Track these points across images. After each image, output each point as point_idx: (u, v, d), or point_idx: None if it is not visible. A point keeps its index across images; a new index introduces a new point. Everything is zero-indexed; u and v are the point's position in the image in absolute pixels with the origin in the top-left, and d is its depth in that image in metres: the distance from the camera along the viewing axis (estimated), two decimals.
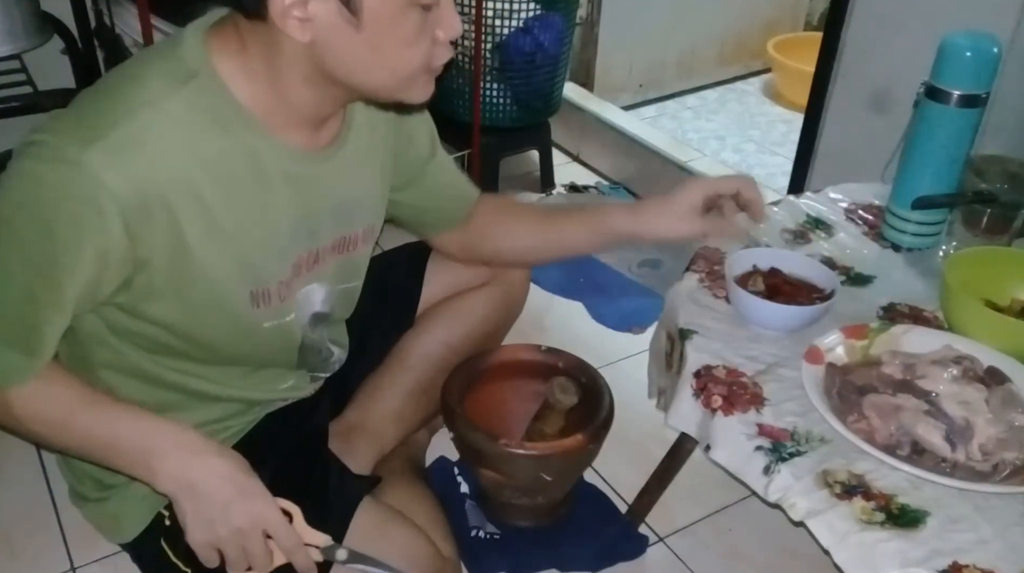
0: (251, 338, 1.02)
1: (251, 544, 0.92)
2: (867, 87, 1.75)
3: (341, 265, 1.09)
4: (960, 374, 1.03)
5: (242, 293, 0.97)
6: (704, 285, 1.23)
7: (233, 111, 0.89)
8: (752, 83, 3.21)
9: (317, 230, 1.02)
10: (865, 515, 0.91)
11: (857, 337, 1.11)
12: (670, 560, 1.41)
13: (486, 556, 1.37)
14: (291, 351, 1.09)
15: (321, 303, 1.09)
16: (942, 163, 1.26)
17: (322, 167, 0.98)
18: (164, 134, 0.85)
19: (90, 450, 0.95)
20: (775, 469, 0.96)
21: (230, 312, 0.97)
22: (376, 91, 0.91)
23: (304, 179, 0.96)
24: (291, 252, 1.00)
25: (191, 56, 0.88)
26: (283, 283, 1.00)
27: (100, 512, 1.13)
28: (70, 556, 1.38)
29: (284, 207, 0.96)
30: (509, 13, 2.17)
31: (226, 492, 0.91)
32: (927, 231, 1.31)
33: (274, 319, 1.02)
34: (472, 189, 1.27)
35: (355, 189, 1.05)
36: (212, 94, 0.88)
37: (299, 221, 0.98)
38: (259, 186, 0.93)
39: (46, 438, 0.96)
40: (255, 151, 0.91)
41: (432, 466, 1.51)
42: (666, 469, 1.34)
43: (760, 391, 1.05)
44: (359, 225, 1.09)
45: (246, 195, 0.92)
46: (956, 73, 1.21)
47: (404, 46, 0.86)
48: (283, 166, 0.94)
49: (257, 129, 0.90)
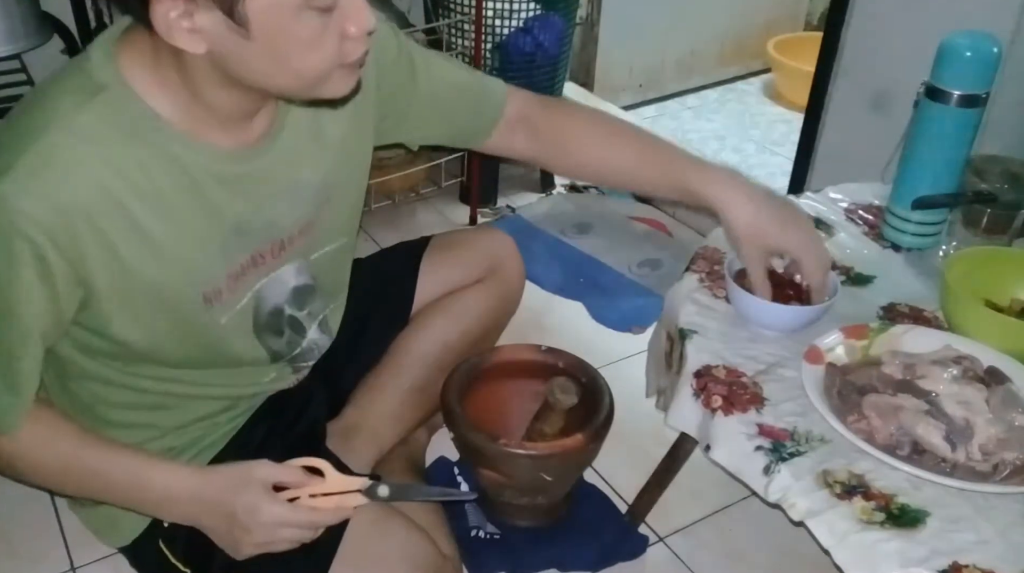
0: (210, 337, 1.01)
1: (283, 540, 0.97)
2: (867, 87, 1.75)
3: (309, 239, 1.07)
4: (960, 374, 1.03)
5: (193, 296, 0.96)
6: (704, 285, 1.22)
7: (147, 120, 0.87)
8: (752, 83, 3.21)
9: (276, 221, 1.00)
10: (865, 515, 0.90)
11: (857, 337, 1.11)
12: (670, 560, 1.41)
13: (486, 556, 1.37)
14: (248, 337, 1.07)
15: (295, 277, 1.08)
16: (942, 163, 1.26)
17: (259, 161, 0.96)
18: (75, 150, 0.83)
19: (93, 495, 1.02)
20: (775, 469, 0.96)
21: (185, 318, 0.97)
22: (286, 93, 0.89)
23: (240, 178, 0.94)
24: (243, 249, 0.98)
25: (98, 69, 0.86)
26: (232, 277, 0.99)
27: (97, 516, 1.13)
28: (70, 556, 1.37)
29: (225, 208, 0.94)
30: (509, 13, 2.17)
31: (228, 524, 0.95)
32: (927, 231, 1.31)
33: (228, 312, 1.01)
34: (491, 88, 1.20)
35: (310, 170, 1.02)
36: (123, 105, 0.86)
37: (248, 218, 0.97)
38: (189, 193, 0.91)
39: (45, 485, 1.03)
40: (176, 158, 0.89)
41: (432, 466, 1.51)
42: (666, 469, 1.34)
43: (760, 391, 1.05)
44: (319, 200, 1.06)
45: (176, 202, 0.90)
46: (956, 73, 1.20)
47: (306, 50, 0.82)
48: (211, 169, 0.92)
49: (175, 136, 0.88)
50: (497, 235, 1.42)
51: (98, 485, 0.97)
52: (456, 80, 1.17)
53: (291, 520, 0.96)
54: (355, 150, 1.10)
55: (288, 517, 0.96)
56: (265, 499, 0.95)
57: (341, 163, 1.07)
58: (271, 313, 1.08)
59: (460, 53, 2.21)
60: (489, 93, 1.20)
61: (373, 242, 2.16)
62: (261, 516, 0.94)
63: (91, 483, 0.97)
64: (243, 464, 0.98)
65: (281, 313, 1.09)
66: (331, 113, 1.03)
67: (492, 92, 1.20)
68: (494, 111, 1.20)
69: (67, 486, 1.02)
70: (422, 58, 1.14)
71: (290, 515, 0.96)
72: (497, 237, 1.41)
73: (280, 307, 1.08)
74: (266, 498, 0.95)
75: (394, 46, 1.10)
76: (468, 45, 2.17)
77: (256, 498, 0.95)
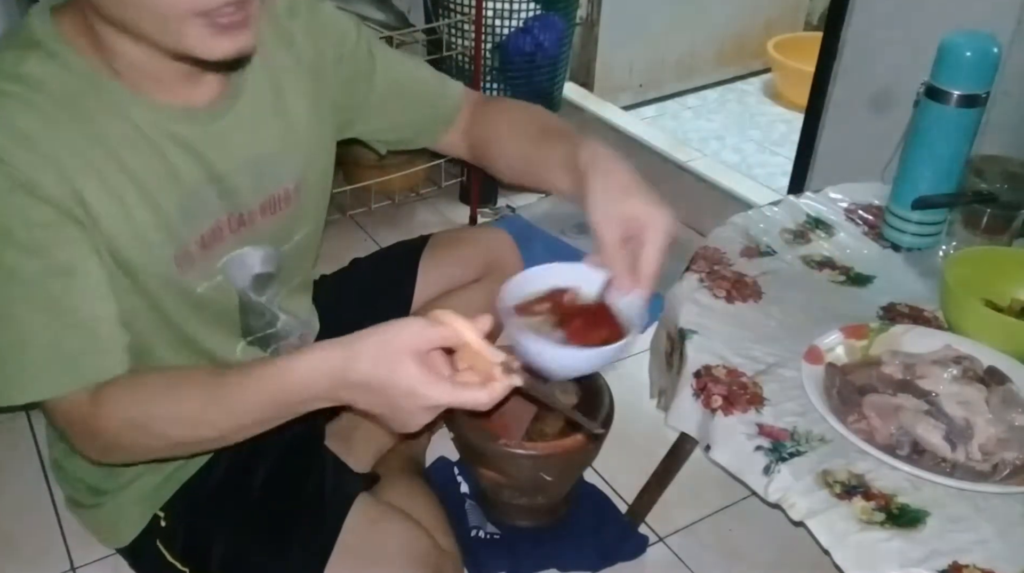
0: (189, 303, 0.98)
1: (455, 405, 0.79)
2: (867, 87, 1.75)
3: (278, 225, 1.06)
4: (960, 374, 1.03)
5: (165, 256, 0.93)
6: (704, 285, 1.22)
7: (89, 76, 0.86)
8: (752, 83, 3.21)
9: (234, 191, 0.98)
10: (865, 515, 0.90)
11: (857, 337, 1.11)
12: (670, 560, 1.41)
13: (486, 556, 1.37)
14: (232, 313, 1.05)
15: (261, 264, 1.06)
16: (942, 163, 1.26)
17: (214, 126, 0.94)
18: (24, 97, 0.82)
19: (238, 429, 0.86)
20: (775, 469, 0.96)
21: (162, 278, 0.94)
22: (154, 39, 0.84)
23: (196, 140, 0.93)
24: (205, 215, 0.96)
25: (37, 28, 0.85)
26: (199, 245, 0.97)
27: (96, 518, 1.13)
28: (70, 556, 1.38)
29: (183, 171, 0.92)
30: (509, 13, 2.17)
31: (389, 408, 0.80)
32: (927, 231, 1.31)
33: (205, 281, 0.99)
34: (450, 87, 1.18)
35: (269, 144, 1.01)
36: (65, 60, 0.85)
37: (208, 184, 0.95)
38: (150, 149, 0.89)
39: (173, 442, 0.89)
40: (127, 114, 0.88)
41: (432, 466, 1.51)
42: (666, 469, 1.34)
43: (760, 391, 1.05)
44: (285, 181, 1.04)
45: (130, 158, 0.88)
46: (956, 73, 1.20)
47: None
48: (164, 126, 0.90)
49: (120, 91, 0.87)
50: (496, 233, 1.42)
51: (240, 411, 0.84)
52: (417, 74, 1.17)
53: (453, 402, 0.79)
54: (319, 133, 1.08)
55: (449, 399, 0.78)
56: (422, 380, 0.77)
57: (304, 145, 1.05)
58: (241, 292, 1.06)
59: (460, 53, 2.21)
60: (449, 90, 1.18)
61: (373, 242, 2.16)
62: (420, 400, 0.78)
63: (231, 414, 0.85)
64: (384, 333, 0.79)
65: (247, 296, 1.07)
66: (293, 90, 1.02)
67: (451, 89, 1.19)
68: (451, 110, 1.18)
69: (201, 428, 0.86)
70: (382, 50, 1.14)
71: (450, 396, 0.78)
72: (496, 235, 1.41)
73: (243, 289, 1.06)
74: (422, 379, 0.77)
75: (354, 35, 1.09)
76: (468, 45, 2.17)
77: (410, 379, 0.77)
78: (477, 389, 0.78)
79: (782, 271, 1.27)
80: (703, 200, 2.26)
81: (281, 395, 0.81)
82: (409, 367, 0.77)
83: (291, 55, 1.02)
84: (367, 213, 2.26)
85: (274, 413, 0.84)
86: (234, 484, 1.09)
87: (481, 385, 0.78)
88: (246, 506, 1.08)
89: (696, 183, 2.29)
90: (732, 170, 2.38)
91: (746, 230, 1.35)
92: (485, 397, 0.78)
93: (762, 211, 1.41)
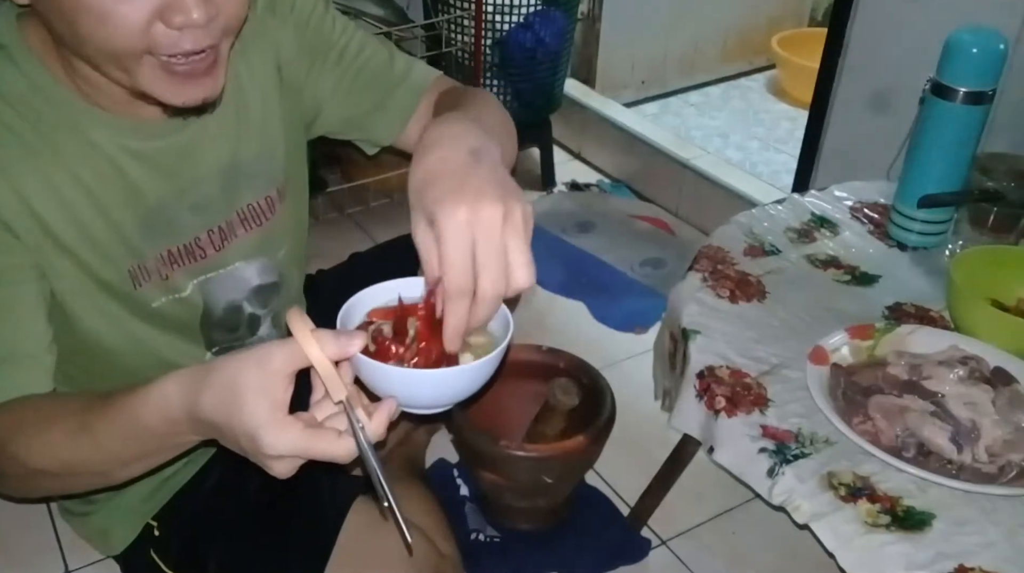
0: (141, 315, 0.96)
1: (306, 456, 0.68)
2: (872, 84, 1.74)
3: (268, 234, 1.03)
4: (966, 375, 1.02)
5: (118, 272, 0.91)
6: (707, 285, 1.21)
7: (50, 90, 0.84)
8: (756, 80, 3.19)
9: (207, 205, 0.96)
10: (870, 517, 0.90)
11: (862, 337, 1.10)
12: (673, 563, 1.41)
13: (486, 560, 1.36)
14: (192, 326, 1.02)
15: (260, 276, 1.05)
16: (948, 161, 1.25)
17: (177, 138, 0.92)
18: None
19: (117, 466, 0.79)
20: (779, 471, 0.95)
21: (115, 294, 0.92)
22: (113, 77, 0.81)
23: (159, 154, 0.91)
24: (174, 231, 0.94)
25: (4, 35, 0.84)
26: (161, 261, 0.94)
27: (88, 526, 1.12)
28: (64, 560, 1.37)
29: (148, 187, 0.90)
30: (510, 8, 2.16)
31: (243, 450, 0.69)
32: (933, 230, 1.30)
33: (163, 295, 0.96)
34: (417, 75, 1.08)
35: (241, 151, 0.98)
36: (24, 67, 0.83)
37: (176, 199, 0.93)
38: (109, 166, 0.87)
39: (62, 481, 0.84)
40: (85, 131, 0.86)
41: (431, 468, 1.50)
42: (669, 471, 1.33)
43: (764, 392, 1.04)
44: (265, 190, 1.01)
45: (93, 175, 0.87)
46: (962, 70, 1.19)
47: (94, 20, 0.74)
48: (123, 143, 0.88)
49: (79, 107, 0.85)
50: None
51: (106, 444, 0.75)
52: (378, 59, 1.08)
53: (307, 452, 0.66)
54: (292, 129, 1.05)
55: (302, 448, 0.65)
56: (263, 423, 0.64)
57: (282, 146, 1.02)
58: (227, 309, 1.04)
59: (460, 49, 2.20)
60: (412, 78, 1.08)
61: (371, 240, 2.15)
62: (264, 448, 0.65)
63: (99, 447, 0.76)
64: (231, 365, 0.67)
65: (240, 310, 1.06)
66: (261, 91, 0.98)
67: (416, 77, 1.08)
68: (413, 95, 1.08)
69: (77, 463, 0.78)
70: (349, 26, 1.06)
71: (303, 445, 0.65)
72: None
73: (238, 304, 1.05)
74: (264, 421, 0.64)
75: (321, 8, 1.03)
76: (468, 41, 2.16)
77: (253, 419, 0.65)
78: (333, 439, 0.65)
79: (786, 270, 1.26)
80: (706, 198, 2.26)
81: (140, 425, 0.71)
82: (253, 407, 0.64)
83: (260, 52, 0.99)
84: (365, 211, 2.25)
85: (144, 446, 0.73)
86: (228, 490, 1.08)
87: (339, 434, 0.66)
88: (242, 512, 1.07)
89: (699, 181, 2.28)
90: (736, 168, 2.37)
91: (750, 229, 1.34)
92: (342, 451, 0.65)
93: (766, 210, 1.39)
